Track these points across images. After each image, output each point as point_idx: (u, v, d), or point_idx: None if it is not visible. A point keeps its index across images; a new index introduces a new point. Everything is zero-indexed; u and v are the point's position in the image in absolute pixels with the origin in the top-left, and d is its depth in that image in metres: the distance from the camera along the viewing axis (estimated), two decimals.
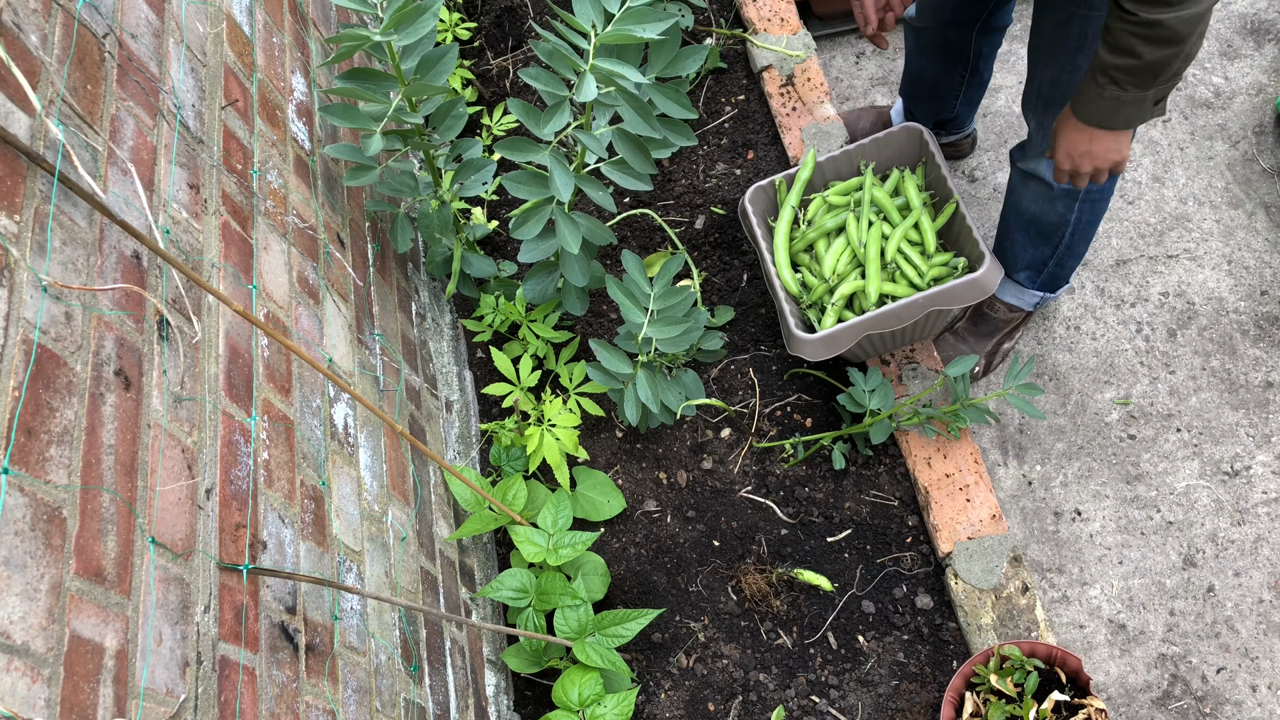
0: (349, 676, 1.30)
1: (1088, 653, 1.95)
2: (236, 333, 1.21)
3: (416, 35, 1.54)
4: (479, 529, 1.82)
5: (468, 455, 2.10)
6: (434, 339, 2.15)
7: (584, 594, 1.73)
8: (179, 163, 1.16)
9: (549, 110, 1.59)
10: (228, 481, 1.11)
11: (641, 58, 1.62)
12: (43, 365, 0.84)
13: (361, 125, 1.60)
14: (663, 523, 2.07)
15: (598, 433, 2.17)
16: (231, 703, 1.02)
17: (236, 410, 1.16)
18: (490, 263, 2.07)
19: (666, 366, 2.05)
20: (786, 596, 1.98)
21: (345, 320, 1.60)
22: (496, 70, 2.64)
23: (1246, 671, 1.91)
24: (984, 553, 1.94)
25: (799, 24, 2.57)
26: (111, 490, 0.90)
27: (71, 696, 0.79)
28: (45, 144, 0.91)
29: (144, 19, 1.17)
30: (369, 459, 1.56)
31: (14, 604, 0.75)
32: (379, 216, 1.94)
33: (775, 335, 2.24)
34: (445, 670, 1.66)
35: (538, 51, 1.56)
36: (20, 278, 0.84)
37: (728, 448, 2.14)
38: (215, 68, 1.33)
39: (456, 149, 1.86)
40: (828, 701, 1.88)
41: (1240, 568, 2.00)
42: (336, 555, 1.35)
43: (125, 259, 1.01)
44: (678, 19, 1.49)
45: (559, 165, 1.68)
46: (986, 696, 1.72)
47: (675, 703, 1.91)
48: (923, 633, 1.94)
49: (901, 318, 1.89)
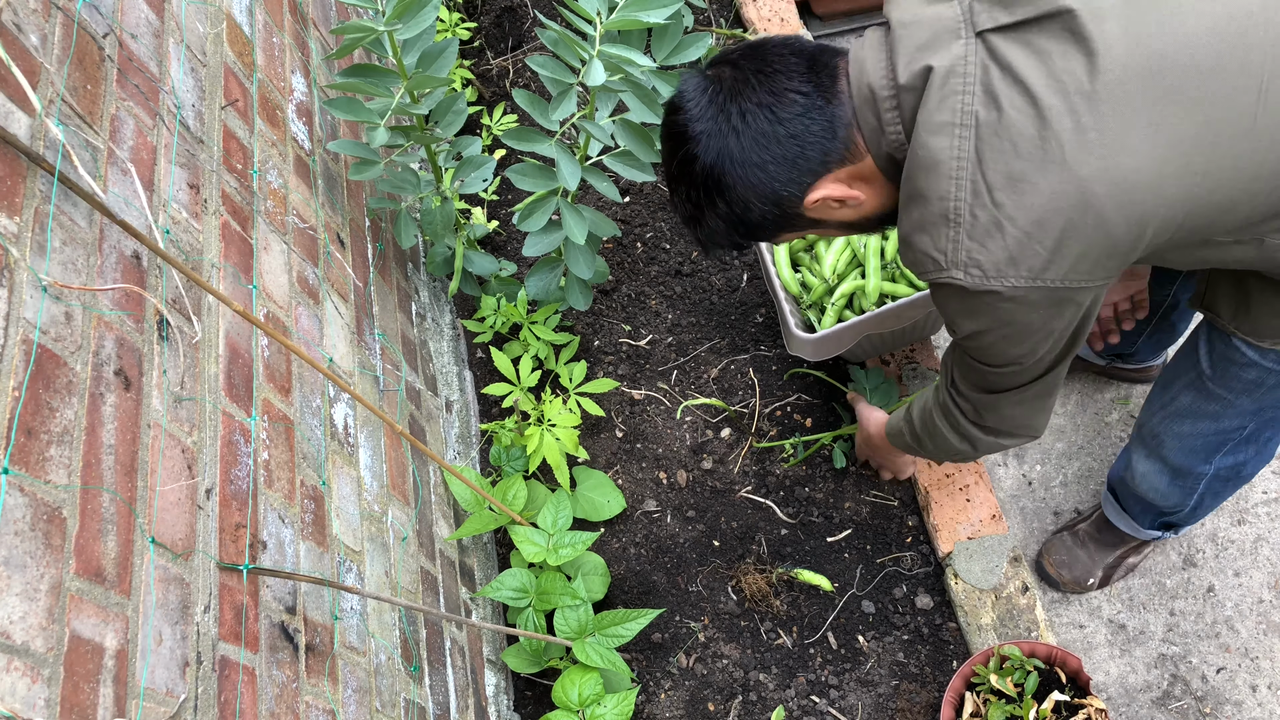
0: (349, 676, 1.30)
1: (1088, 653, 1.95)
2: (236, 333, 1.21)
3: (418, 28, 1.55)
4: (479, 529, 1.82)
5: (468, 455, 2.10)
6: (434, 339, 2.15)
7: (584, 594, 1.73)
8: (179, 163, 1.16)
9: (556, 97, 1.59)
10: (228, 481, 1.11)
11: (644, 47, 1.62)
12: (43, 365, 0.84)
13: (365, 118, 1.60)
14: (663, 523, 2.07)
15: (598, 433, 2.17)
16: (231, 703, 1.02)
17: (236, 410, 1.16)
18: (492, 260, 2.07)
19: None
20: (786, 596, 1.98)
21: (345, 320, 1.60)
22: (496, 70, 2.64)
23: (1246, 671, 1.91)
24: (984, 553, 1.94)
25: (799, 24, 2.57)
26: (111, 490, 0.90)
27: (71, 696, 0.79)
28: (45, 144, 0.91)
29: (144, 19, 1.17)
30: (369, 459, 1.56)
31: (14, 604, 0.75)
32: (380, 214, 1.94)
33: (775, 335, 2.24)
34: (445, 670, 1.66)
35: (543, 39, 1.57)
36: (20, 278, 0.84)
37: (728, 448, 2.14)
38: (215, 68, 1.33)
39: (456, 146, 1.86)
40: (828, 701, 1.88)
41: (1240, 567, 2.00)
42: (336, 555, 1.35)
43: (125, 259, 1.01)
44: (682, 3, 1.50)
45: (565, 155, 1.68)
46: (986, 696, 1.72)
47: (675, 703, 1.91)
48: (923, 633, 1.94)
49: (901, 318, 1.89)
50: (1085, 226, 1.02)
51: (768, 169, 1.15)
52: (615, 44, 1.52)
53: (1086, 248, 1.03)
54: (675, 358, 2.24)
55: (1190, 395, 1.49)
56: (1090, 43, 0.99)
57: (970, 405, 1.37)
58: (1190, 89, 0.99)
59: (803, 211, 1.21)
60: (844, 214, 1.23)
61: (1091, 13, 0.99)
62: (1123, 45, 0.99)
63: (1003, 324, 1.12)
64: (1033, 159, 1.01)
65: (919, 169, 1.08)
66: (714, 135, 1.16)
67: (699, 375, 2.22)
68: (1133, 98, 0.98)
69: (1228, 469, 1.58)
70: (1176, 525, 1.85)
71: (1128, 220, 1.02)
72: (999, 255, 1.04)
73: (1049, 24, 1.01)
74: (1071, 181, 1.00)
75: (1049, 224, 1.02)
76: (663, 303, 2.30)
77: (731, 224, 1.23)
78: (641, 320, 2.29)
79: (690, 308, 2.30)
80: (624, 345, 2.26)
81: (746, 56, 1.18)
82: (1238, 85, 0.99)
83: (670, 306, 2.30)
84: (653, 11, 1.49)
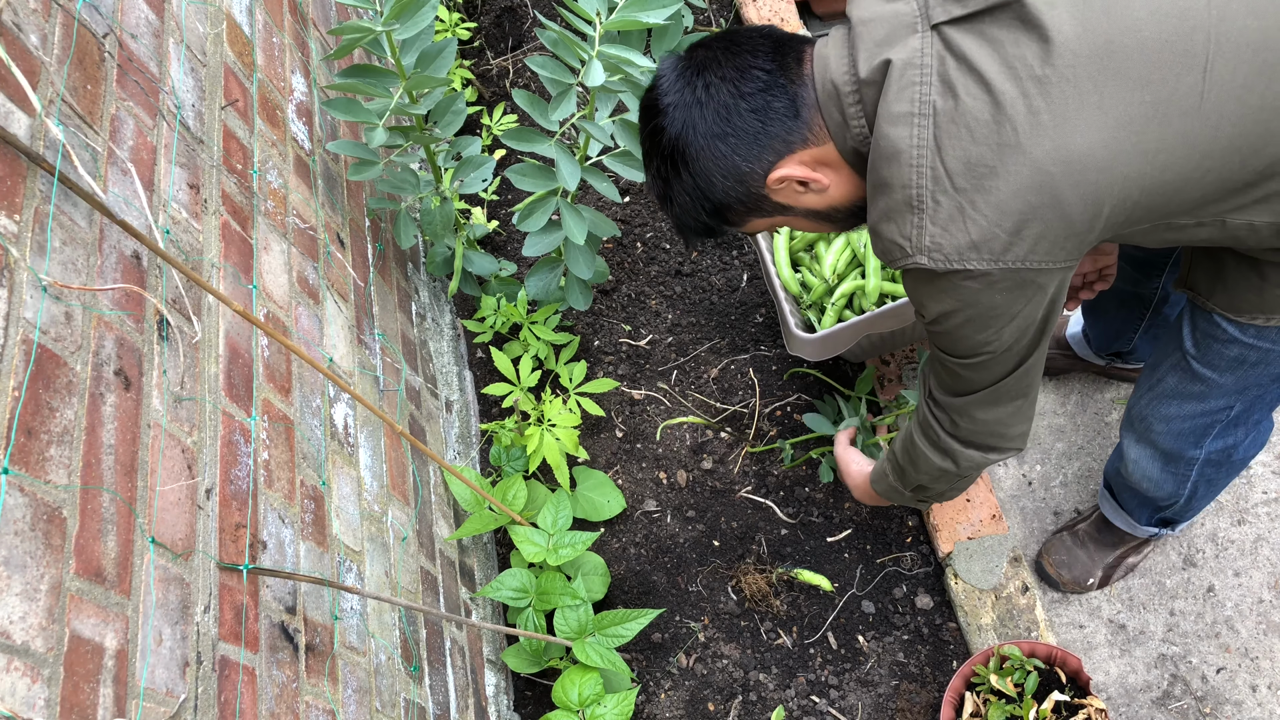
0: (349, 676, 1.30)
1: (1088, 653, 1.95)
2: (236, 333, 1.21)
3: (416, 28, 1.55)
4: (479, 529, 1.82)
5: (468, 455, 2.10)
6: (434, 339, 2.15)
7: (584, 594, 1.73)
8: (179, 163, 1.16)
9: (556, 98, 1.59)
10: (228, 481, 1.11)
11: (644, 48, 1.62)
12: (43, 365, 0.84)
13: (364, 119, 1.61)
14: (663, 523, 2.07)
15: (598, 433, 2.17)
16: (231, 703, 1.02)
17: (236, 410, 1.16)
18: (492, 260, 2.07)
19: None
20: (786, 596, 1.98)
21: (345, 320, 1.60)
22: (496, 70, 2.64)
23: (1246, 671, 1.91)
24: (984, 553, 1.94)
25: (799, 24, 2.57)
26: (111, 490, 0.90)
27: (71, 696, 0.79)
28: (45, 144, 0.91)
29: (144, 19, 1.17)
30: (369, 459, 1.56)
31: (14, 604, 0.75)
32: (380, 214, 1.94)
33: (775, 335, 2.24)
34: (445, 670, 1.66)
35: (543, 40, 1.57)
36: (20, 278, 0.84)
37: (728, 448, 2.14)
38: (215, 68, 1.33)
39: (456, 146, 1.86)
40: (828, 701, 1.88)
41: (1240, 567, 2.00)
42: (336, 555, 1.35)
43: (125, 259, 1.01)
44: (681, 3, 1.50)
45: (565, 155, 1.68)
46: (986, 696, 1.72)
47: (675, 703, 1.91)
48: (923, 633, 1.94)
49: (902, 318, 1.89)
50: (1042, 207, 1.05)
51: (728, 140, 1.17)
52: (615, 44, 1.52)
53: (1044, 228, 1.06)
54: (675, 358, 2.24)
55: (1176, 376, 1.49)
56: (1043, 29, 1.02)
57: (946, 415, 1.37)
58: (1136, 70, 1.02)
59: (766, 192, 1.22)
60: (810, 200, 1.24)
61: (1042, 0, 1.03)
62: (1072, 29, 1.02)
63: (967, 305, 1.14)
64: (989, 143, 1.04)
65: (881, 159, 1.10)
66: (679, 107, 1.18)
67: (699, 375, 2.22)
68: (1082, 80, 1.02)
69: (1218, 453, 1.59)
70: (1174, 521, 1.85)
71: (1083, 199, 1.05)
72: (961, 240, 1.07)
73: (1001, 14, 1.05)
74: (1027, 164, 1.03)
75: (1008, 206, 1.05)
76: (663, 303, 2.30)
77: (697, 199, 1.24)
78: (641, 320, 2.29)
79: (690, 308, 2.30)
80: (624, 345, 2.26)
81: (720, 38, 1.21)
82: (1183, 65, 1.02)
83: (670, 306, 2.30)
84: (652, 12, 1.49)
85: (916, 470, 1.49)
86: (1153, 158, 1.04)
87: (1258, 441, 1.59)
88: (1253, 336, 1.32)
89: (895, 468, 1.56)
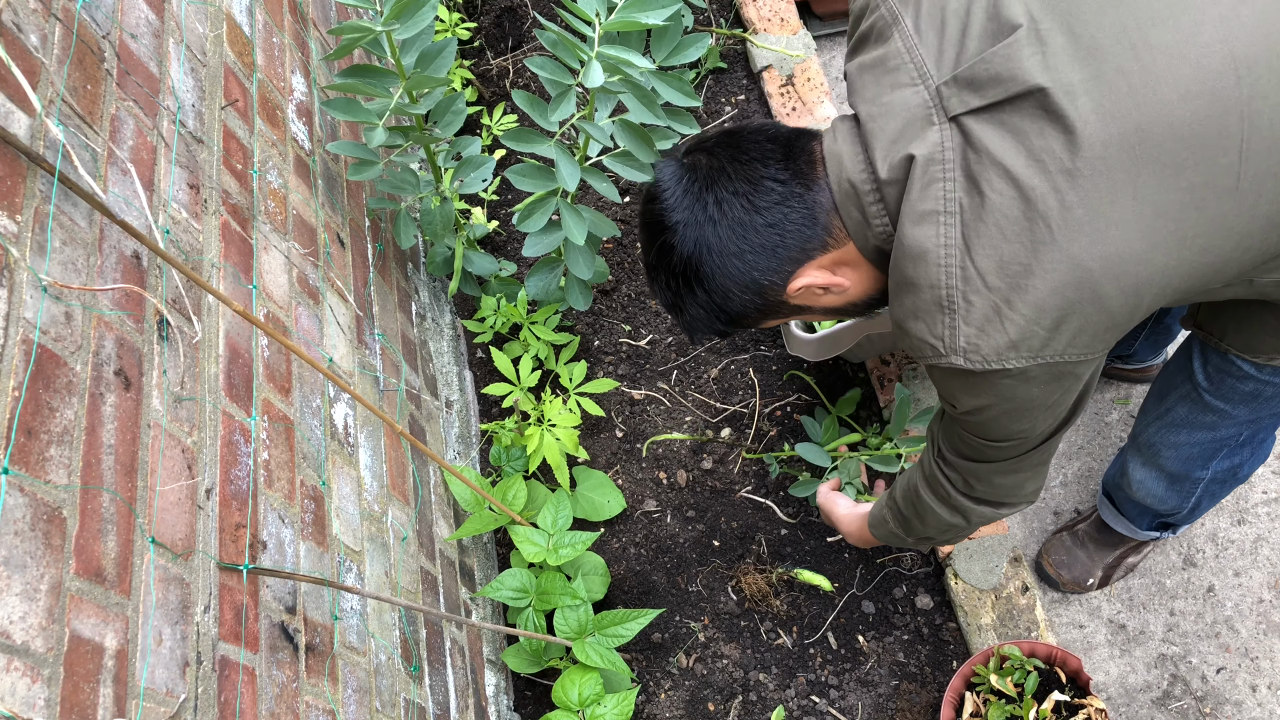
0: (349, 676, 1.30)
1: (1088, 653, 1.95)
2: (236, 333, 1.21)
3: (416, 28, 1.55)
4: (479, 529, 1.82)
5: (468, 455, 2.10)
6: (434, 339, 2.15)
7: (584, 594, 1.73)
8: (179, 163, 1.16)
9: (555, 98, 1.59)
10: (228, 481, 1.11)
11: (644, 48, 1.62)
12: (43, 365, 0.84)
13: (364, 119, 1.60)
14: (663, 523, 2.07)
15: (598, 433, 2.17)
16: (231, 703, 1.02)
17: (236, 410, 1.16)
18: (492, 260, 2.08)
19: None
20: (786, 596, 1.98)
21: (345, 320, 1.60)
22: (496, 70, 2.64)
23: (1246, 671, 1.91)
24: (984, 553, 1.94)
25: (799, 24, 2.57)
26: (111, 490, 0.90)
27: (71, 696, 0.79)
28: (45, 144, 0.91)
29: (144, 19, 1.17)
30: (369, 459, 1.56)
31: (14, 604, 0.75)
32: (380, 214, 1.94)
33: (775, 335, 2.24)
34: (445, 670, 1.66)
35: (542, 40, 1.57)
36: (20, 278, 0.84)
37: (728, 448, 2.14)
38: (215, 68, 1.33)
39: (456, 146, 1.86)
40: (828, 701, 1.88)
41: (1240, 567, 2.00)
42: (336, 555, 1.35)
43: (125, 259, 1.01)
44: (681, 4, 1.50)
45: (564, 156, 1.68)
46: (986, 696, 1.72)
47: (675, 703, 1.91)
48: (923, 633, 1.94)
49: None
50: (1083, 303, 1.00)
51: (746, 258, 1.14)
52: (614, 45, 1.52)
53: (1084, 322, 1.02)
54: (675, 358, 2.24)
55: (1186, 407, 1.47)
56: (1066, 120, 0.96)
57: (959, 475, 1.33)
58: (1170, 155, 0.97)
59: (786, 299, 1.20)
60: (829, 300, 1.23)
61: (1063, 89, 0.97)
62: (1098, 119, 0.96)
63: (1003, 400, 1.10)
64: (1022, 241, 0.99)
65: (906, 258, 1.06)
66: (691, 225, 1.15)
67: (699, 375, 2.22)
68: (1114, 170, 0.97)
69: (1224, 471, 1.58)
70: (1174, 525, 1.85)
71: (1124, 292, 1.01)
72: (999, 340, 1.03)
73: (1022, 104, 0.99)
74: (1064, 260, 0.98)
75: (1046, 304, 1.00)
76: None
77: (713, 313, 1.22)
78: (641, 320, 2.29)
79: None
80: (624, 345, 2.26)
81: (722, 144, 1.17)
82: (1218, 147, 0.97)
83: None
84: (652, 13, 1.49)
85: (924, 524, 1.45)
86: (1191, 243, 1.00)
87: (1260, 456, 1.58)
88: (1270, 375, 1.30)
89: (898, 517, 1.51)
